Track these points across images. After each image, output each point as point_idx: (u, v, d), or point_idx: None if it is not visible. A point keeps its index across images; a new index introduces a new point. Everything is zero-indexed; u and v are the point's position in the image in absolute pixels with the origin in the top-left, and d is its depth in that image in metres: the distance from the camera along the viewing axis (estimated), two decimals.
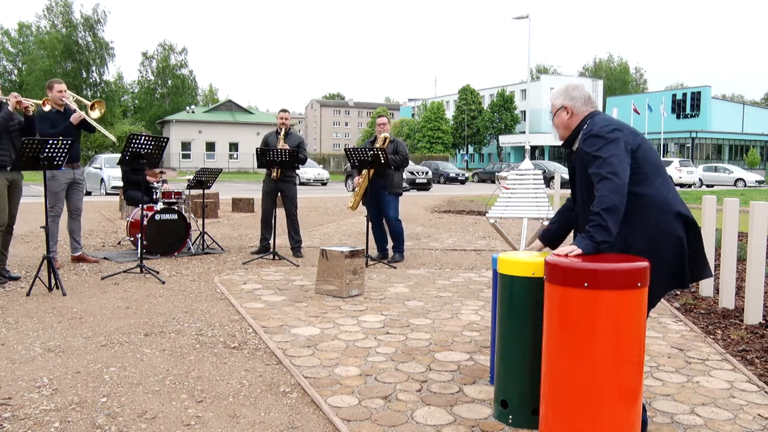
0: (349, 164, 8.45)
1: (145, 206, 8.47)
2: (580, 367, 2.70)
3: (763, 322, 5.48)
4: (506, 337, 3.33)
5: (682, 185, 35.83)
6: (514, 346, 3.30)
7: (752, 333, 5.21)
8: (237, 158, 59.48)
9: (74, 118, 7.44)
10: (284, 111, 8.91)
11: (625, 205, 2.92)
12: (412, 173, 30.46)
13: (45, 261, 6.46)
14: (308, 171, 34.69)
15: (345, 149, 8.39)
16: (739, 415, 3.59)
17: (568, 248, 2.94)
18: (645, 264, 2.71)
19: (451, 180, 40.27)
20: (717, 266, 6.68)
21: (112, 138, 8.69)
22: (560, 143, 3.42)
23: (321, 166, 42.05)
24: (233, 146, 60.32)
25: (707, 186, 39.08)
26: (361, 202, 8.65)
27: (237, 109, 64.44)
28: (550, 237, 3.61)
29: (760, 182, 40.76)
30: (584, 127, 3.17)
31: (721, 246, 6.03)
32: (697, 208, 7.58)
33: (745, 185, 38.91)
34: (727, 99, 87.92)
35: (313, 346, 4.68)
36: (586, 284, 2.65)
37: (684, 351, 4.74)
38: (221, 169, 10.27)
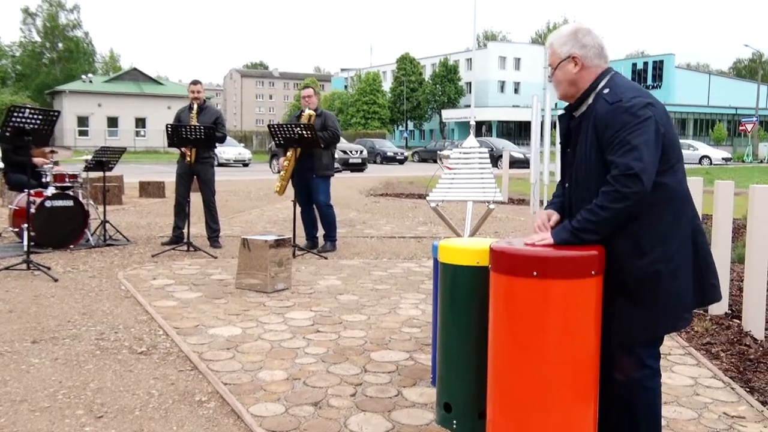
0: (273, 143, 8.40)
1: (32, 191, 8.20)
2: (530, 364, 2.74)
3: (729, 312, 5.68)
4: (449, 333, 3.37)
5: None
6: (457, 343, 3.34)
7: (717, 324, 5.40)
8: (144, 136, 58.18)
9: None
10: (195, 83, 8.81)
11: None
12: (344, 152, 30.45)
13: None
14: (227, 150, 34.21)
15: (269, 126, 8.36)
16: (703, 414, 3.72)
17: (539, 237, 2.85)
18: (598, 251, 2.77)
19: (388, 159, 40.64)
20: None
21: None
22: (562, 102, 3.04)
23: (242, 144, 41.52)
24: (140, 122, 58.95)
25: None
26: (288, 185, 8.60)
27: (144, 79, 62.89)
28: (557, 206, 3.15)
29: (726, 160, 42.30)
30: (604, 91, 2.83)
31: None
32: None
33: (711, 163, 40.35)
34: (692, 69, 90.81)
35: (233, 348, 4.65)
36: (534, 273, 2.69)
37: None
38: (125, 149, 10.10)
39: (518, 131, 70.41)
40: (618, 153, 2.67)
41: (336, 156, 9.27)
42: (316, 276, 7.14)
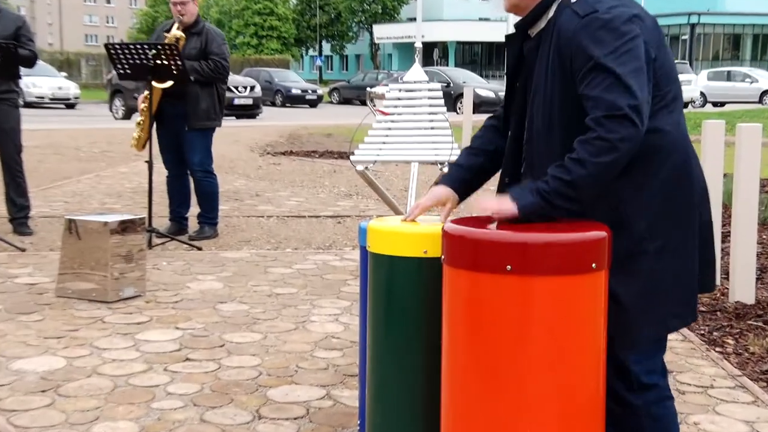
0: (114, 72, 8.27)
1: None
2: (504, 398, 2.79)
3: None
4: (384, 356, 3.39)
5: None
6: (396, 372, 3.35)
7: None
8: None
9: None
10: None
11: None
12: (228, 89, 30.16)
13: None
14: (40, 82, 33.62)
15: (107, 45, 8.23)
16: None
17: (495, 204, 2.85)
18: (602, 234, 2.80)
19: (293, 100, 41.01)
20: (726, 236, 6.98)
21: None
22: (507, 16, 3.24)
23: (64, 74, 40.84)
24: None
25: (714, 104, 40.94)
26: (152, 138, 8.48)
27: None
28: (463, 179, 3.33)
29: None
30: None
31: (733, 203, 6.36)
32: (695, 140, 7.98)
33: None
34: None
35: (52, 390, 4.62)
36: (508, 267, 2.72)
37: (674, 373, 4.95)
38: None
39: (487, 57, 71.02)
40: (598, 87, 2.75)
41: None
42: (184, 276, 7.14)
